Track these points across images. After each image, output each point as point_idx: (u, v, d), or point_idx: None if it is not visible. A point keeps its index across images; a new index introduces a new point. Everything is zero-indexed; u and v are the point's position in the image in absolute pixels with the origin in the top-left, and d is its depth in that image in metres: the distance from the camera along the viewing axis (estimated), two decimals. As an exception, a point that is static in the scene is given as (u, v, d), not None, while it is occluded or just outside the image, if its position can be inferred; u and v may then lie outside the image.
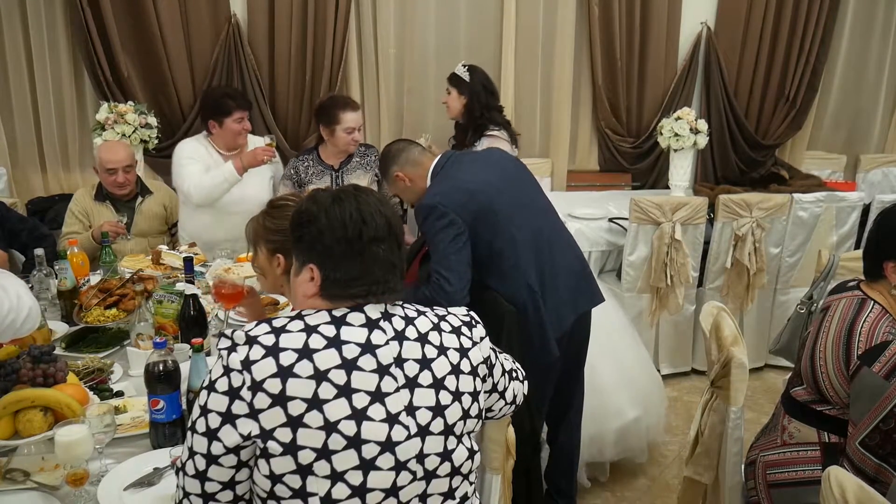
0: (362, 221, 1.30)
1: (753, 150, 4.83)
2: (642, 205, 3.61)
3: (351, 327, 1.28)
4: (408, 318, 1.34)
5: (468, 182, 2.33)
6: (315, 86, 4.27)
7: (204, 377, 1.75)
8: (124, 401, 1.94)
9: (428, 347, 1.31)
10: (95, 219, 3.25)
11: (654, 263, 3.66)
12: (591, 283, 2.56)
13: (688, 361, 3.98)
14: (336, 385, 1.22)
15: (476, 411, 1.35)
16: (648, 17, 4.52)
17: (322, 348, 1.24)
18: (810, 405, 1.98)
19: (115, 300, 2.36)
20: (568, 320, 2.41)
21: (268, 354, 1.22)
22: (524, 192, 2.46)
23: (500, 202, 2.31)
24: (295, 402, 1.20)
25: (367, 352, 1.26)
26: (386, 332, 1.29)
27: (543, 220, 2.46)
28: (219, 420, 1.21)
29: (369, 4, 4.27)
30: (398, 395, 1.26)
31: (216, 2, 4.12)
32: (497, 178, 2.38)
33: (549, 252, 2.38)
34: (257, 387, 1.20)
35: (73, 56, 4.10)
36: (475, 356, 1.37)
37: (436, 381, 1.30)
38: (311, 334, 1.25)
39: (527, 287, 2.29)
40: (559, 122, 4.65)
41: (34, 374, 1.69)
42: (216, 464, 1.22)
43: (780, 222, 3.77)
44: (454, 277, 2.18)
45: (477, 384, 1.36)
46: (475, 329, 1.41)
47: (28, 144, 4.14)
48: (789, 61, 4.73)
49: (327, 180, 3.25)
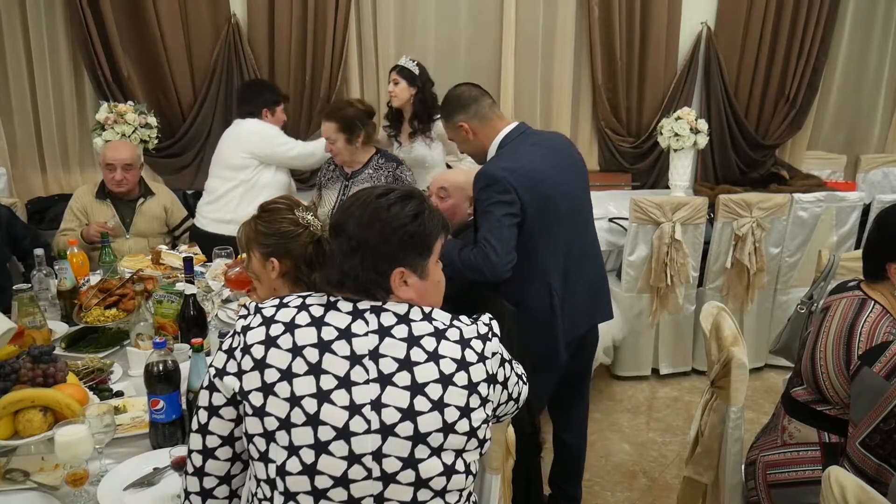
0: (339, 209, 1.37)
1: (753, 150, 4.83)
2: (642, 205, 3.60)
3: (337, 313, 1.30)
4: (405, 317, 1.31)
5: (536, 168, 2.25)
6: (315, 86, 4.27)
7: (204, 377, 1.77)
8: (124, 401, 1.94)
9: (415, 350, 1.28)
10: (94, 216, 3.27)
11: (654, 263, 3.66)
12: (608, 297, 2.58)
13: (688, 361, 3.98)
14: (308, 362, 1.25)
15: (465, 428, 1.27)
16: (648, 16, 4.51)
17: (304, 325, 1.28)
18: (810, 405, 1.98)
19: (114, 300, 2.36)
20: (581, 328, 2.41)
21: (263, 324, 1.30)
22: (577, 193, 2.41)
23: (556, 199, 2.28)
24: (271, 370, 1.25)
25: (344, 338, 1.28)
26: (368, 324, 1.29)
27: (584, 229, 2.45)
28: (215, 373, 1.31)
29: (369, 5, 4.28)
30: (367, 387, 1.25)
31: (216, 2, 4.12)
32: (560, 172, 2.32)
33: (580, 260, 2.37)
34: (246, 350, 1.28)
35: (73, 56, 4.10)
36: (477, 372, 1.29)
37: (414, 385, 1.26)
38: (301, 312, 1.30)
39: (548, 288, 2.28)
40: (559, 122, 4.65)
41: (34, 374, 1.69)
42: (217, 416, 1.31)
43: (780, 222, 3.77)
44: (501, 248, 2.14)
45: (472, 401, 1.28)
46: (489, 343, 1.33)
47: (28, 144, 4.14)
48: (789, 61, 4.72)
49: (337, 187, 3.22)
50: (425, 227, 1.34)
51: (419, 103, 3.62)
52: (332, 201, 3.19)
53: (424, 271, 1.35)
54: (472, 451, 1.30)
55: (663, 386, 3.88)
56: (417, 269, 1.34)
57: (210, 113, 4.18)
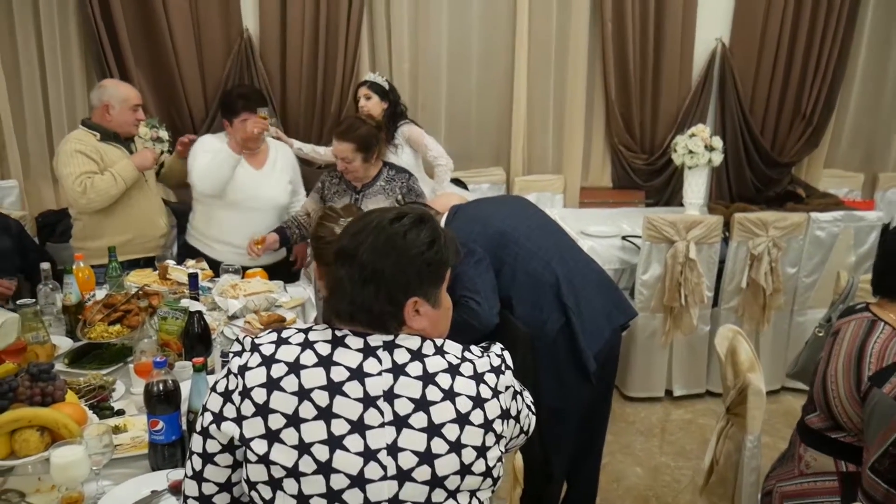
0: (344, 233, 1.28)
1: (769, 168, 4.77)
2: (656, 223, 3.55)
3: (347, 350, 1.22)
4: (418, 353, 1.23)
5: (479, 214, 2.37)
6: (326, 100, 4.26)
7: (205, 397, 1.73)
8: (125, 420, 1.90)
9: (431, 389, 1.20)
10: (108, 158, 3.09)
11: (668, 283, 3.60)
12: (622, 294, 2.52)
13: (702, 383, 3.90)
14: (317, 406, 1.18)
15: (482, 468, 1.21)
16: (662, 32, 4.48)
17: (311, 365, 1.20)
18: (825, 433, 1.92)
19: (119, 316, 2.33)
20: (604, 334, 2.32)
21: (262, 364, 1.21)
22: (531, 213, 2.48)
23: (514, 224, 2.32)
24: (276, 415, 1.18)
25: (356, 378, 1.19)
26: (382, 363, 1.21)
27: (558, 236, 2.44)
28: (211, 419, 1.22)
29: (383, 20, 4.27)
30: (382, 430, 1.18)
31: (229, 16, 4.12)
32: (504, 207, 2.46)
33: (575, 265, 2.34)
34: (246, 393, 1.20)
35: (87, 69, 4.11)
36: (492, 409, 1.23)
37: (431, 426, 1.19)
38: (306, 350, 1.22)
39: (558, 303, 2.24)
40: (572, 137, 4.62)
41: (32, 393, 1.65)
42: (212, 463, 1.23)
43: (797, 242, 3.70)
44: (481, 297, 2.14)
45: (488, 440, 1.22)
46: (503, 376, 1.27)
47: (40, 157, 4.15)
48: (806, 78, 4.67)
49: (346, 201, 3.17)
50: (441, 254, 1.27)
51: (388, 117, 3.70)
52: None
53: (438, 300, 1.30)
54: (486, 489, 1.25)
55: (677, 408, 3.81)
56: (431, 298, 1.28)
57: (221, 127, 4.14)
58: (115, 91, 3.16)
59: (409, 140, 3.73)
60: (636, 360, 3.79)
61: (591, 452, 2.55)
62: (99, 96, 3.14)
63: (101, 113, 3.14)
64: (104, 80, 3.31)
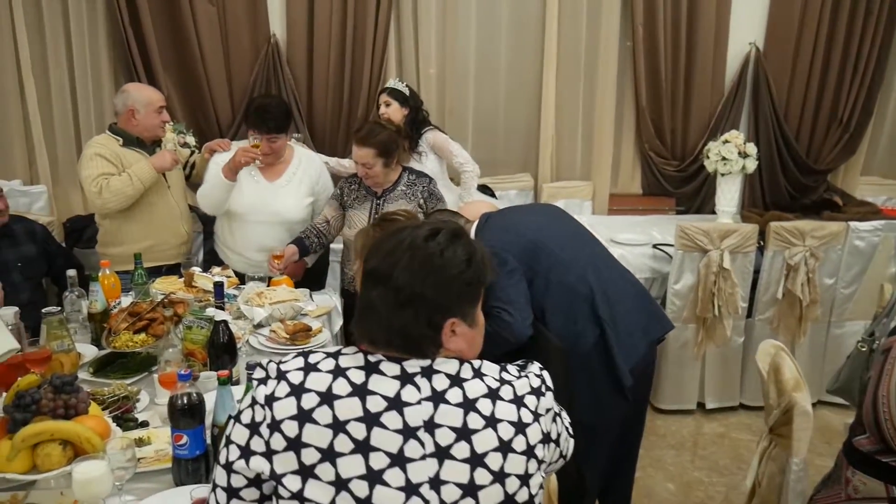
0: (375, 251, 1.19)
1: (804, 176, 4.65)
2: (689, 231, 3.47)
3: (382, 377, 1.15)
4: (457, 378, 1.17)
5: (511, 223, 2.31)
6: (353, 106, 4.23)
7: (230, 411, 1.69)
8: (148, 432, 1.86)
9: (472, 416, 1.14)
10: (127, 162, 3.07)
11: (701, 293, 3.51)
12: (658, 306, 2.44)
13: (735, 396, 3.80)
14: (354, 439, 1.11)
15: (525, 497, 1.16)
16: (695, 37, 4.39)
17: (345, 395, 1.13)
18: (875, 456, 1.82)
19: (144, 325, 2.30)
20: (640, 348, 2.24)
21: (291, 394, 1.14)
22: (564, 222, 2.42)
23: (548, 234, 2.26)
24: (309, 449, 1.11)
25: (394, 408, 1.13)
26: (420, 391, 1.15)
27: (593, 246, 2.38)
28: (237, 453, 1.16)
29: (410, 26, 4.23)
30: (423, 463, 1.12)
31: (256, 21, 4.11)
32: (536, 215, 2.38)
33: (609, 276, 2.27)
34: (275, 426, 1.13)
35: (115, 75, 4.13)
36: (534, 433, 1.18)
37: (474, 457, 1.13)
38: (338, 378, 1.15)
39: (593, 316, 2.17)
40: (601, 144, 4.54)
41: (55, 406, 1.62)
42: (237, 497, 1.17)
43: (834, 251, 3.60)
44: (514, 308, 2.07)
45: (530, 466, 1.16)
46: (543, 398, 1.22)
47: (69, 162, 4.17)
48: (842, 83, 4.55)
49: (367, 207, 3.13)
50: (479, 272, 1.21)
51: (410, 123, 3.64)
52: (362, 221, 3.10)
53: (474, 318, 1.24)
54: None
55: (709, 421, 3.71)
56: (468, 318, 1.22)
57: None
58: (138, 95, 3.13)
59: (434, 147, 3.67)
60: (668, 371, 3.70)
61: (625, 469, 2.47)
62: (123, 101, 3.12)
63: (126, 118, 3.11)
64: (126, 85, 3.28)
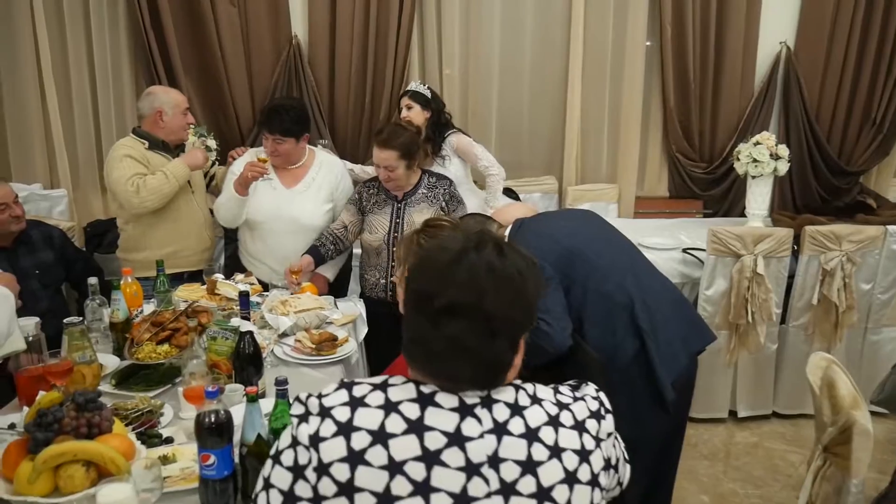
0: (444, 281, 1.06)
1: (836, 177, 4.52)
2: (722, 236, 3.37)
3: (439, 410, 1.07)
4: (516, 406, 1.09)
5: (546, 229, 2.23)
6: (375, 108, 4.17)
7: (259, 429, 1.62)
8: (174, 448, 1.80)
9: (536, 447, 1.07)
10: (153, 164, 3.05)
11: (734, 299, 3.41)
12: (698, 316, 2.35)
13: (768, 404, 3.70)
14: (413, 481, 1.03)
15: None
16: (724, 36, 4.28)
17: (400, 433, 1.05)
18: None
19: (167, 335, 2.24)
20: (682, 361, 2.17)
21: (339, 433, 1.05)
22: (601, 228, 2.33)
23: (584, 240, 2.19)
24: (363, 494, 1.03)
25: (455, 444, 1.04)
26: (482, 423, 1.06)
27: (631, 253, 2.29)
28: (279, 499, 1.07)
29: (433, 27, 4.16)
30: (488, 501, 1.04)
31: (278, 23, 4.06)
32: (572, 221, 2.30)
33: (649, 284, 2.19)
34: (323, 469, 1.04)
35: (136, 77, 4.10)
36: (597, 461, 1.11)
37: (540, 491, 1.05)
38: (391, 414, 1.06)
39: (633, 327, 2.08)
40: (627, 145, 4.44)
41: (78, 424, 1.56)
42: None
43: (872, 256, 3.49)
44: (551, 317, 1.99)
45: (595, 496, 1.10)
46: (604, 422, 1.15)
47: (89, 166, 4.15)
48: (876, 82, 4.41)
49: (388, 211, 3.06)
50: (540, 284, 1.14)
51: (432, 126, 3.54)
52: (384, 226, 3.04)
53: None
54: None
55: (741, 430, 3.61)
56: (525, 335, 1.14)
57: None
58: (165, 97, 3.11)
59: (458, 150, 3.58)
60: (699, 378, 3.47)
61: (664, 484, 2.39)
62: (150, 104, 3.09)
63: (152, 120, 3.08)
64: (152, 88, 3.26)
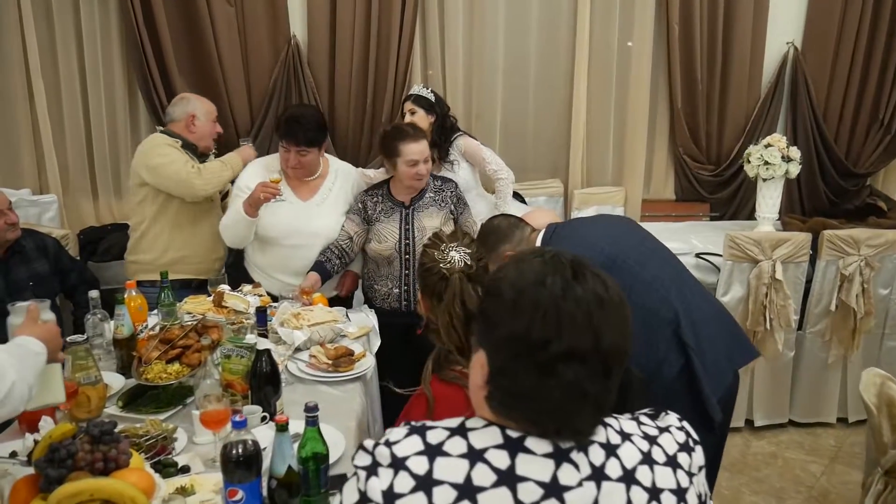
0: (557, 324, 0.93)
1: (844, 179, 4.46)
2: (739, 241, 3.29)
3: (531, 457, 0.94)
4: (609, 445, 0.98)
5: (583, 236, 2.13)
6: (377, 110, 4.05)
7: (289, 460, 1.50)
8: (191, 479, 1.67)
9: (636, 491, 0.96)
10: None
11: (752, 305, 3.33)
12: (742, 331, 2.25)
13: (785, 413, 3.62)
14: None
15: None
16: (731, 37, 4.20)
17: (490, 486, 0.92)
18: None
19: (177, 353, 2.11)
20: (727, 377, 2.07)
21: (419, 488, 0.92)
22: (641, 236, 2.22)
23: (625, 248, 2.07)
24: None
25: (553, 496, 0.93)
26: (580, 469, 0.95)
27: (674, 264, 2.19)
28: None
29: (436, 25, 4.05)
30: None
31: (276, 22, 3.93)
32: (610, 228, 2.21)
33: (692, 297, 2.08)
34: None
35: (128, 78, 3.95)
36: (692, 498, 1.01)
37: None
38: (476, 463, 0.93)
39: (677, 342, 1.97)
40: (634, 147, 4.35)
41: (93, 459, 1.43)
42: None
43: (890, 261, 3.42)
44: None
45: None
46: (694, 454, 1.04)
47: (80, 170, 4.00)
48: (884, 83, 4.35)
49: (396, 218, 2.95)
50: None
51: (438, 131, 3.42)
52: (393, 234, 2.93)
53: None
54: None
55: (758, 439, 3.53)
56: None
57: (267, 137, 3.97)
58: (199, 103, 3.13)
59: (466, 154, 3.47)
60: None
61: None
62: (183, 108, 3.10)
63: (185, 124, 3.07)
64: (184, 94, 3.29)
